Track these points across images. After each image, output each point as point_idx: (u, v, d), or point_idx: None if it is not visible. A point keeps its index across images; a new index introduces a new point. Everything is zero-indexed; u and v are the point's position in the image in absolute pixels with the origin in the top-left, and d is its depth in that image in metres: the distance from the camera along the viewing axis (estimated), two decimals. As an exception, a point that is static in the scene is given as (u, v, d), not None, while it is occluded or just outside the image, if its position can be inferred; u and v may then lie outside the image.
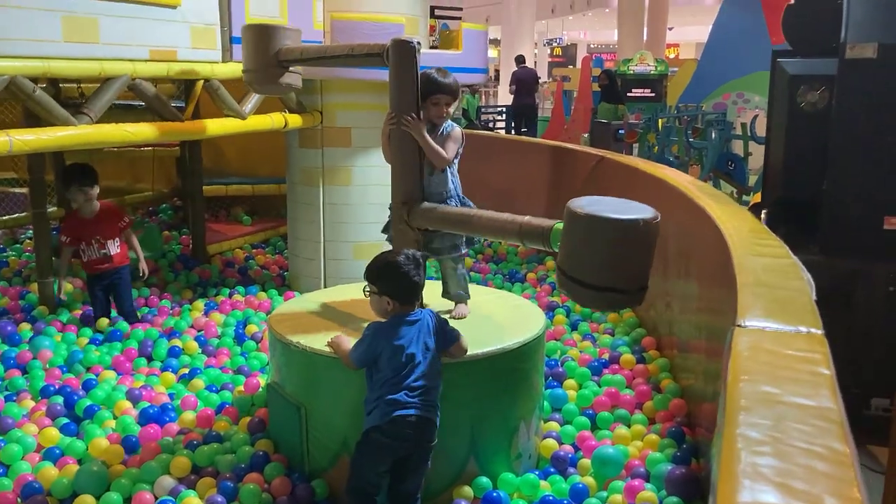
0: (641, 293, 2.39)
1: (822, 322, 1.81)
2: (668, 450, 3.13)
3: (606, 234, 2.30)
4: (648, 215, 2.30)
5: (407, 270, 2.73)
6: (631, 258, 2.33)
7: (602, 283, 2.35)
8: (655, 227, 2.31)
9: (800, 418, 1.20)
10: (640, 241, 2.31)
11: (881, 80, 3.87)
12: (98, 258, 4.43)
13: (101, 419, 3.38)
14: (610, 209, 2.33)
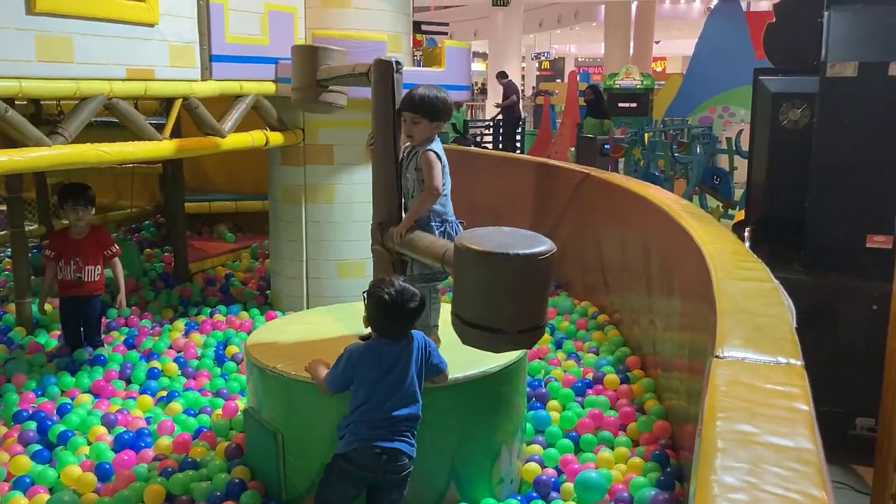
0: (524, 336, 2.22)
1: (802, 340, 1.78)
2: (652, 474, 3.09)
3: (479, 268, 2.16)
4: (527, 251, 2.12)
5: (386, 302, 2.58)
6: (503, 295, 2.16)
7: (475, 321, 2.22)
8: (536, 265, 2.13)
9: (777, 461, 1.17)
10: (513, 278, 2.13)
11: (862, 98, 3.87)
12: (71, 280, 4.27)
13: (74, 445, 3.32)
14: (492, 242, 2.17)
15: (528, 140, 17.65)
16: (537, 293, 2.19)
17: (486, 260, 2.14)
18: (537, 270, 2.15)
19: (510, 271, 2.13)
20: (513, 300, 2.18)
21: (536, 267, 2.14)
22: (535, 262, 2.12)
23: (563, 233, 5.79)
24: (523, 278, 2.14)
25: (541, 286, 2.19)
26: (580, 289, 5.46)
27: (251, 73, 4.41)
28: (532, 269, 2.13)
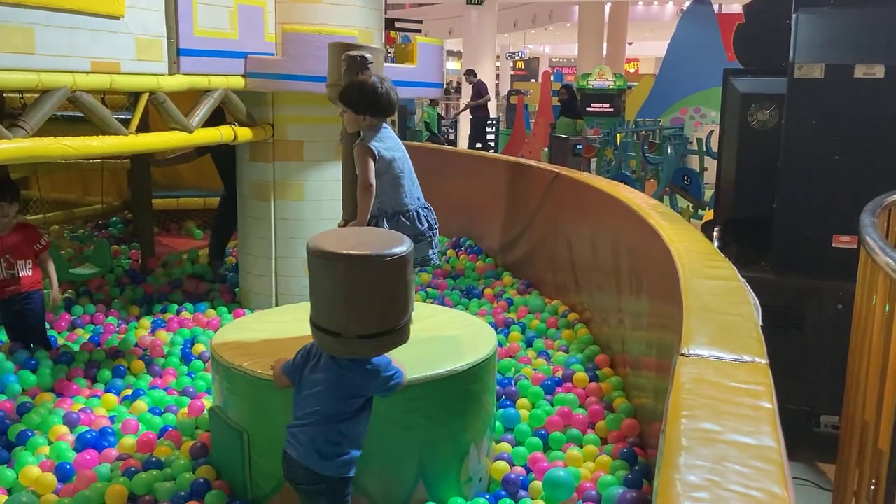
0: (365, 343, 2.16)
1: (768, 339, 1.79)
2: (620, 472, 3.10)
3: (313, 267, 2.13)
4: (360, 252, 2.06)
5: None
6: (336, 297, 2.11)
7: (315, 321, 2.19)
8: (370, 268, 2.07)
9: (739, 459, 1.16)
10: (344, 279, 2.08)
11: (829, 99, 3.92)
12: (5, 279, 4.09)
13: (34, 445, 3.24)
14: (335, 242, 2.13)
15: (501, 140, 17.68)
16: (374, 298, 2.11)
17: (319, 259, 2.11)
18: (371, 274, 2.09)
19: (339, 272, 2.08)
20: (345, 303, 2.12)
21: (370, 270, 2.08)
22: (368, 264, 2.07)
23: (535, 232, 5.80)
24: (356, 281, 2.09)
25: (377, 291, 2.10)
26: (551, 288, 5.47)
27: (220, 68, 4.36)
28: (366, 272, 2.08)
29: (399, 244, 2.17)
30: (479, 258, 6.53)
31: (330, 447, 2.36)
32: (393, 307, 2.17)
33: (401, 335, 2.24)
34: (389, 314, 2.17)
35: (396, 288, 2.16)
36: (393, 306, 2.17)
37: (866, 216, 2.83)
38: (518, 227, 6.09)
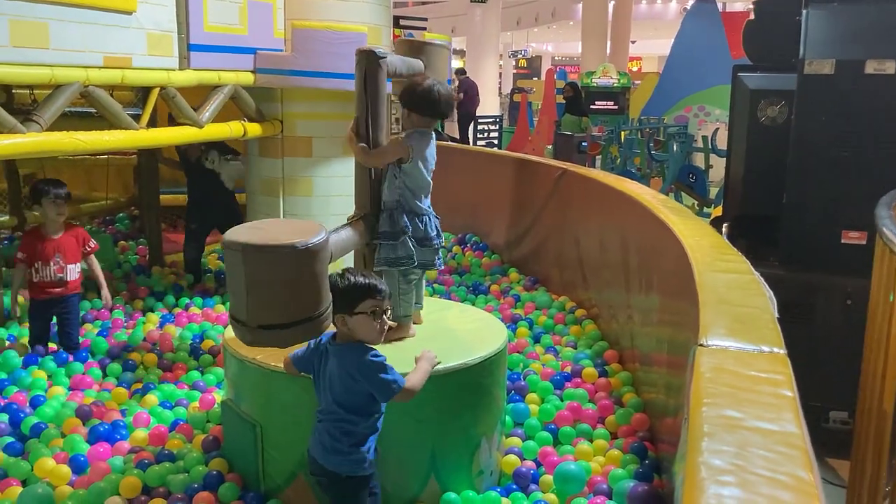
0: (263, 332, 2.16)
1: (783, 339, 1.79)
2: (631, 466, 3.11)
3: (225, 257, 2.16)
4: (261, 242, 2.07)
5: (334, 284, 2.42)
6: (238, 286, 2.13)
7: (230, 309, 2.21)
8: (271, 258, 2.08)
9: (763, 444, 1.17)
10: (245, 268, 2.09)
11: (838, 95, 3.92)
12: (52, 281, 4.08)
13: (48, 438, 3.26)
14: (247, 233, 2.14)
15: (505, 137, 17.67)
16: (273, 288, 2.11)
17: (226, 249, 2.14)
18: (269, 264, 2.09)
19: (239, 262, 2.10)
20: (246, 292, 2.13)
21: (268, 260, 2.08)
22: (265, 254, 2.07)
23: (541, 228, 5.81)
24: (254, 270, 2.10)
25: (276, 282, 2.11)
26: (558, 284, 5.47)
27: (230, 63, 4.37)
28: (262, 262, 2.08)
29: (308, 236, 2.15)
30: (484, 255, 6.54)
31: (333, 442, 2.40)
32: (297, 298, 2.15)
33: (311, 328, 2.23)
34: (293, 305, 2.15)
35: (301, 279, 2.13)
36: (297, 297, 2.15)
37: (882, 209, 2.83)
38: (524, 223, 6.10)
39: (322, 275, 2.22)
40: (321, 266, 2.18)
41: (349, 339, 2.43)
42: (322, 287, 2.23)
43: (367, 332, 2.42)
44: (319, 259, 2.15)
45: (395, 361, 2.71)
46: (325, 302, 2.25)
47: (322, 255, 2.17)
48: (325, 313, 2.25)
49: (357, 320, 2.38)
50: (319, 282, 2.18)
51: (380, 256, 3.06)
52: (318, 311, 2.19)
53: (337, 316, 2.40)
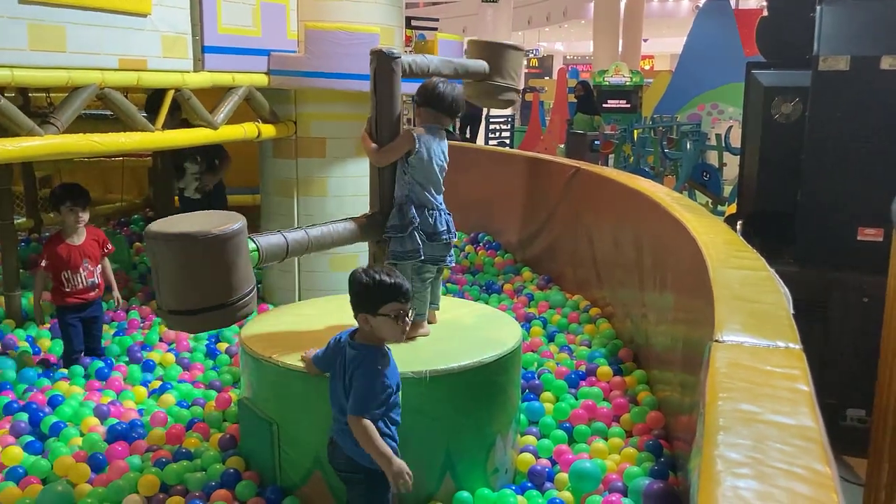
0: (174, 317, 2.24)
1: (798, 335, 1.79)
2: (646, 463, 3.10)
3: (147, 248, 2.26)
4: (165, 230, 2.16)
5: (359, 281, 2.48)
6: (154, 272, 2.28)
7: (159, 301, 2.31)
8: (173, 246, 2.16)
9: (780, 438, 1.18)
10: (153, 255, 2.23)
11: (853, 91, 3.90)
12: (86, 287, 4.02)
13: (67, 437, 3.29)
14: (169, 223, 2.23)
15: (517, 137, 17.66)
16: (181, 275, 2.19)
17: (146, 239, 2.25)
18: (174, 253, 2.17)
19: (150, 250, 2.24)
20: (158, 278, 2.26)
21: (173, 249, 2.16)
22: (170, 242, 2.16)
23: (555, 227, 5.81)
24: (161, 258, 2.21)
25: (183, 269, 2.18)
26: (572, 283, 5.47)
27: (243, 65, 4.40)
28: (168, 250, 2.17)
29: (217, 227, 2.19)
30: (497, 254, 6.54)
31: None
32: (204, 286, 2.21)
33: (223, 315, 2.27)
34: (200, 293, 2.21)
35: (208, 268, 2.19)
36: (204, 285, 2.20)
37: (898, 205, 2.82)
38: (537, 222, 6.10)
39: (234, 264, 2.25)
40: (232, 255, 2.23)
41: (370, 338, 2.46)
42: (234, 276, 2.25)
43: (390, 332, 2.45)
44: (228, 249, 2.19)
45: (408, 361, 2.74)
46: (239, 290, 2.28)
47: (231, 245, 2.21)
48: (238, 302, 2.28)
49: (380, 321, 2.42)
50: (230, 271, 2.22)
51: (389, 250, 3.12)
52: (229, 299, 2.24)
53: (360, 314, 2.44)
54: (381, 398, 2.40)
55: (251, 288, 2.33)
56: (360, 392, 2.39)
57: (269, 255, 2.56)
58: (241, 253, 2.26)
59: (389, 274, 2.47)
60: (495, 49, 3.73)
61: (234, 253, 2.22)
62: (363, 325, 2.45)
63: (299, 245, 2.73)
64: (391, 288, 2.43)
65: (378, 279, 2.42)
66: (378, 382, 2.41)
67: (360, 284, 2.44)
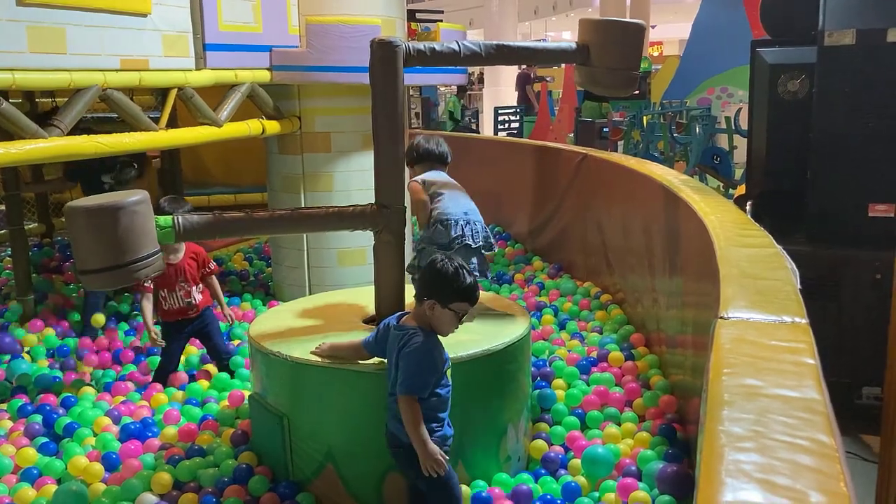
0: (82, 276, 2.64)
1: (806, 311, 1.76)
2: (660, 447, 3.08)
3: (67, 220, 2.62)
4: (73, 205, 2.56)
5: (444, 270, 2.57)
6: (71, 240, 2.68)
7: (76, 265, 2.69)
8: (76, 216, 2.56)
9: (783, 411, 1.16)
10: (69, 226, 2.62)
11: (860, 66, 3.84)
12: (182, 307, 3.92)
13: (80, 437, 3.31)
14: (80, 202, 2.63)
15: (526, 127, 17.59)
16: (80, 241, 2.60)
17: (64, 213, 2.65)
18: (75, 221, 2.57)
19: (68, 222, 2.63)
20: (73, 244, 2.67)
21: (74, 218, 2.57)
22: (71, 213, 2.56)
23: (564, 215, 5.78)
24: (69, 226, 2.63)
25: (81, 236, 2.59)
26: (582, 270, 5.44)
27: (245, 62, 4.40)
28: (71, 219, 2.58)
29: (113, 201, 2.56)
30: (508, 244, 6.52)
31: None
32: (100, 251, 2.57)
33: (121, 274, 2.60)
34: (97, 256, 2.58)
35: (104, 234, 2.54)
36: (100, 250, 2.57)
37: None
38: (546, 211, 6.07)
39: (128, 231, 2.56)
40: (126, 225, 2.55)
41: (424, 323, 2.52)
42: (127, 242, 2.57)
43: (447, 326, 2.54)
44: (122, 219, 2.54)
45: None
46: (133, 254, 2.59)
47: (125, 216, 2.55)
48: (132, 264, 2.59)
49: (444, 314, 2.50)
50: (123, 237, 2.55)
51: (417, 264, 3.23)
52: (124, 260, 2.58)
53: (428, 300, 2.49)
54: (430, 380, 2.47)
55: (148, 253, 2.63)
56: (408, 372, 2.45)
57: (188, 231, 2.83)
58: (136, 222, 2.58)
59: (472, 273, 2.56)
60: (604, 27, 3.38)
61: (129, 221, 2.56)
62: (426, 310, 2.51)
63: (231, 225, 2.94)
64: (470, 289, 2.52)
65: (463, 276, 2.50)
66: (427, 364, 2.48)
67: (443, 274, 2.50)
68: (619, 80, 3.37)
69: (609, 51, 3.33)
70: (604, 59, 3.33)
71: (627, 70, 3.36)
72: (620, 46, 3.33)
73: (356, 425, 2.81)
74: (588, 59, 3.34)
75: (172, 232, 2.76)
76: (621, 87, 3.40)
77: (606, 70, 3.35)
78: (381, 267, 3.06)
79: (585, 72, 3.41)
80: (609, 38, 3.32)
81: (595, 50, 3.33)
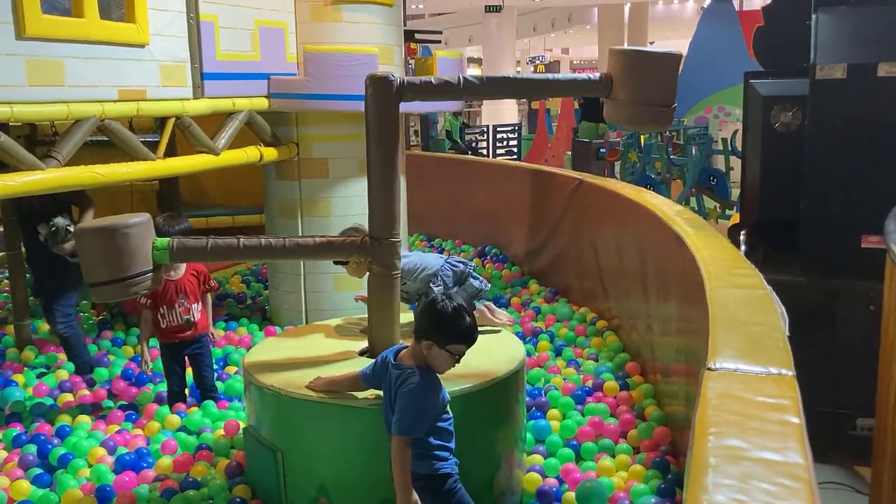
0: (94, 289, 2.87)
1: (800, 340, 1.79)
2: (653, 481, 3.09)
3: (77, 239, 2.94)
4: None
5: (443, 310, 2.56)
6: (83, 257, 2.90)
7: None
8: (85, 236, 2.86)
9: (766, 476, 1.17)
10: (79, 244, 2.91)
11: (852, 99, 3.88)
12: (180, 325, 3.85)
13: (75, 468, 3.31)
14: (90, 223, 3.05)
15: (524, 146, 17.65)
16: (86, 256, 2.86)
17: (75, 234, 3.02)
18: (81, 240, 2.87)
19: (77, 240, 2.92)
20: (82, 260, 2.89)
21: (80, 238, 2.88)
22: (84, 234, 2.86)
23: (560, 239, 5.80)
24: (81, 246, 2.89)
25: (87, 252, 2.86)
26: (578, 294, 5.46)
27: (243, 90, 4.43)
28: (84, 239, 2.86)
29: (111, 222, 2.80)
30: (504, 266, 6.54)
31: (415, 447, 2.47)
32: (99, 266, 2.81)
33: (119, 288, 2.81)
34: (98, 271, 2.82)
35: (107, 252, 2.79)
36: (99, 265, 2.81)
37: (892, 223, 2.80)
38: (543, 234, 6.10)
39: (123, 250, 2.79)
40: (125, 244, 2.79)
41: (420, 361, 2.51)
42: (124, 259, 2.79)
43: (443, 366, 2.53)
44: (119, 239, 2.78)
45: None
46: (130, 271, 2.81)
47: (122, 236, 2.79)
48: (129, 279, 2.82)
49: (441, 354, 2.49)
50: (121, 255, 2.79)
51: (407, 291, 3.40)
52: (123, 275, 2.81)
53: (426, 340, 2.49)
54: (425, 422, 2.47)
55: (141, 271, 2.84)
56: (403, 412, 2.45)
57: (181, 253, 2.98)
58: (131, 242, 2.81)
59: (471, 315, 2.53)
60: (633, 58, 3.07)
61: (129, 241, 2.80)
62: (423, 349, 2.50)
63: (223, 250, 3.03)
64: (469, 331, 2.50)
65: (463, 318, 2.48)
66: (424, 406, 2.47)
67: (442, 315, 2.48)
68: (651, 115, 3.05)
69: (640, 84, 3.02)
70: (634, 93, 3.03)
71: (661, 106, 3.04)
72: (652, 80, 3.03)
73: (350, 460, 2.81)
74: (611, 91, 3.04)
75: (167, 253, 2.90)
76: (654, 124, 3.10)
77: (637, 105, 3.04)
78: (374, 299, 3.08)
79: (613, 106, 3.10)
80: (639, 71, 3.03)
81: (625, 83, 3.02)
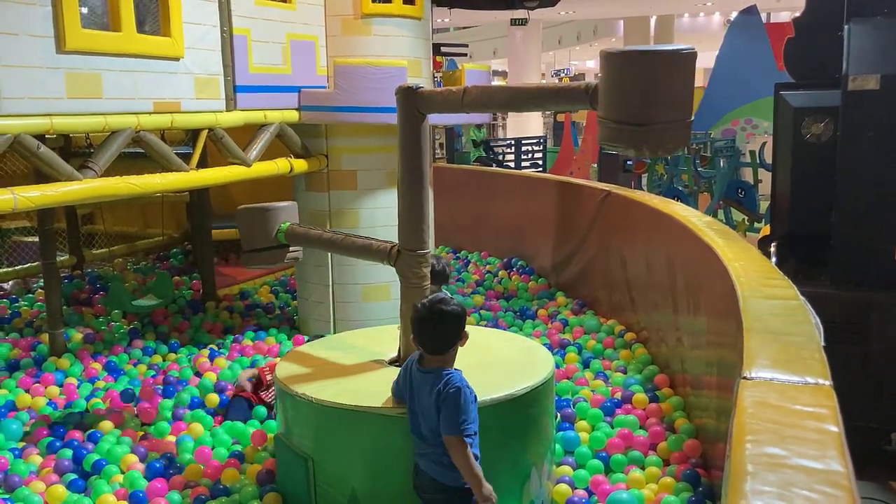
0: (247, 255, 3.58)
1: (833, 354, 1.77)
2: (684, 493, 3.07)
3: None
4: None
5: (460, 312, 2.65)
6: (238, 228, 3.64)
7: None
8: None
9: (806, 484, 1.17)
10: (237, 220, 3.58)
11: (885, 110, 3.85)
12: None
13: (108, 474, 3.35)
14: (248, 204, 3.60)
15: (550, 158, 17.62)
16: (245, 230, 3.56)
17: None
18: (242, 218, 3.55)
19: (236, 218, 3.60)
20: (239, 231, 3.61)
21: (242, 216, 3.54)
22: (241, 213, 3.54)
23: (588, 251, 5.79)
24: (239, 222, 3.57)
25: (245, 226, 3.54)
26: (606, 307, 5.44)
27: (275, 102, 4.49)
28: (241, 217, 3.54)
29: (267, 204, 3.50)
30: (531, 279, 6.53)
31: (446, 458, 2.50)
32: (255, 235, 3.50)
33: (273, 254, 3.53)
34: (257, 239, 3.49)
35: (255, 225, 3.49)
36: (255, 234, 3.50)
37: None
38: (570, 246, 6.09)
39: (270, 220, 3.47)
40: (273, 218, 3.48)
41: (447, 363, 2.59)
42: (270, 228, 3.47)
43: (455, 358, 2.63)
44: (271, 215, 3.48)
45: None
46: (261, 244, 3.49)
47: (273, 214, 3.49)
48: (275, 246, 3.49)
49: (458, 347, 2.62)
50: (271, 226, 3.47)
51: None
52: (270, 245, 3.49)
53: (456, 346, 2.60)
54: (473, 413, 2.51)
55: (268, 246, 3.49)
56: (453, 412, 2.48)
57: (289, 236, 3.51)
58: (286, 217, 3.52)
59: (455, 301, 2.66)
60: (605, 61, 2.31)
61: (278, 216, 3.48)
62: (451, 353, 2.60)
63: (318, 238, 3.52)
64: (464, 317, 2.63)
65: (463, 310, 2.61)
66: (468, 398, 2.52)
67: (457, 316, 2.59)
68: (621, 136, 2.26)
69: (609, 95, 2.24)
70: (604, 107, 2.28)
71: (634, 124, 2.23)
72: (625, 89, 2.23)
73: (380, 468, 2.83)
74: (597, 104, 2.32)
75: (283, 235, 3.49)
76: (628, 146, 2.31)
77: (604, 122, 2.30)
78: (405, 308, 3.10)
79: (601, 125, 2.38)
80: (611, 77, 2.24)
81: (601, 94, 2.31)
